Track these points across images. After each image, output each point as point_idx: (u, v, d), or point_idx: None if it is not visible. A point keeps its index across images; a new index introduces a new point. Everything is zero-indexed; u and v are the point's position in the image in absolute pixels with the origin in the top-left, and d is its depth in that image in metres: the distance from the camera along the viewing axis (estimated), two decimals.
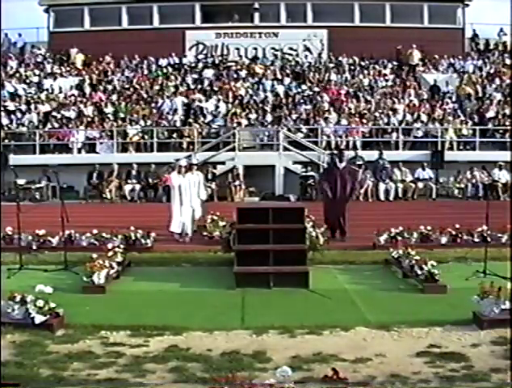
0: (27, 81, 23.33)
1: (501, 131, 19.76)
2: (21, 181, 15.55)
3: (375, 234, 10.20)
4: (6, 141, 19.34)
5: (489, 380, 4.58)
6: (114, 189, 17.77)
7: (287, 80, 23.41)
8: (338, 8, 25.39)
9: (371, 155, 18.32)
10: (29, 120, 20.47)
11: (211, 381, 4.45)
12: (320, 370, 4.72)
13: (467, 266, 8.65)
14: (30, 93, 22.42)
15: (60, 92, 22.63)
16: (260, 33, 25.90)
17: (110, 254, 8.42)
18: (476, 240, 10.16)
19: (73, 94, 22.42)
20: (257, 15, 25.96)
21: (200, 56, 25.72)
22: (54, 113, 20.86)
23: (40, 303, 5.86)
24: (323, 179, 11.52)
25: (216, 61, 25.19)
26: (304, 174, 18.12)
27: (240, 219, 8.30)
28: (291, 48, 25.75)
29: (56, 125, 20.35)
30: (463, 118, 20.49)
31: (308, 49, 25.87)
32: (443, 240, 10.34)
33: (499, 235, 10.22)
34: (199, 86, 22.91)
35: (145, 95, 22.10)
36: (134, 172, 17.92)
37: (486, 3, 26.57)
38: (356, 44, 24.25)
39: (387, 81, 23.46)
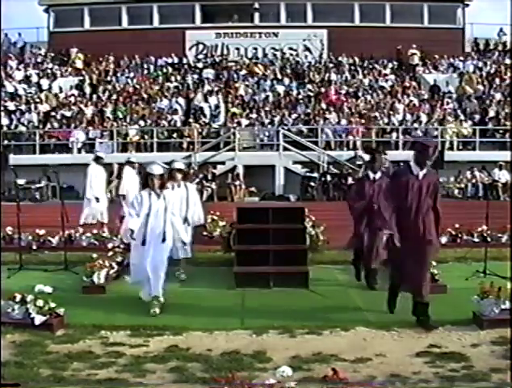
0: (26, 81, 23.32)
1: (501, 131, 19.77)
2: (21, 181, 15.57)
3: None
4: (6, 141, 19.34)
5: (489, 380, 4.57)
6: (114, 189, 17.75)
7: (287, 80, 23.41)
8: (338, 8, 25.43)
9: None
10: (29, 119, 20.49)
11: (211, 381, 4.45)
12: (320, 370, 4.71)
13: (467, 266, 8.62)
14: (30, 93, 22.43)
15: (61, 92, 22.64)
16: (260, 33, 25.91)
17: (110, 254, 8.43)
18: (476, 240, 10.15)
19: (73, 94, 22.43)
20: (257, 15, 25.99)
21: (200, 56, 25.74)
22: (54, 113, 20.87)
23: (40, 303, 5.85)
24: (351, 197, 7.92)
25: (217, 61, 25.21)
26: (307, 175, 18.09)
27: (240, 219, 8.29)
28: (291, 48, 25.76)
29: (56, 125, 20.35)
30: (463, 118, 20.50)
31: (308, 49, 25.88)
32: (443, 240, 10.31)
33: (499, 235, 10.22)
34: (199, 86, 22.92)
35: (145, 95, 22.11)
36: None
37: (486, 3, 26.63)
38: (356, 44, 24.27)
39: (387, 81, 23.47)
